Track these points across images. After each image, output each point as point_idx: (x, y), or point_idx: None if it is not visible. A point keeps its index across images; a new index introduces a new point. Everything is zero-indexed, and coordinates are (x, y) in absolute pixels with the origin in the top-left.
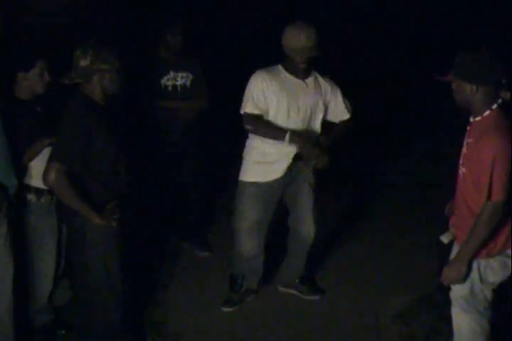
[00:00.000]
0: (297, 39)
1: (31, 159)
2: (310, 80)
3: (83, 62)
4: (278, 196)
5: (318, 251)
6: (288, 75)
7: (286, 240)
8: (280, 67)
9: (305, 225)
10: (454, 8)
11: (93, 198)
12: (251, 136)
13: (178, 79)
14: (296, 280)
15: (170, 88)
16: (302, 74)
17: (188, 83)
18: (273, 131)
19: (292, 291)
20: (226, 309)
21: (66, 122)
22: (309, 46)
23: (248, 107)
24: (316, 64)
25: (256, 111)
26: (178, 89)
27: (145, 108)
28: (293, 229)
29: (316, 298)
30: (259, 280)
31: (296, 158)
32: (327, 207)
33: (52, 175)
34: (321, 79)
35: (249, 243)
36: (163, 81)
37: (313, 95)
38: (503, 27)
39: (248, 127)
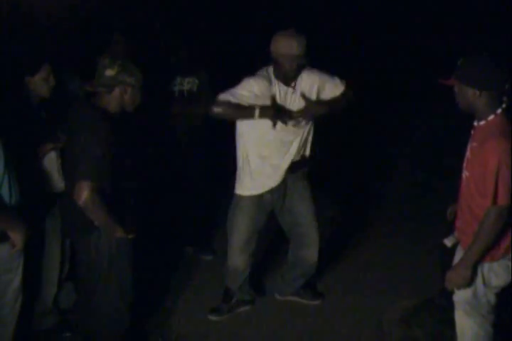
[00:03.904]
0: (288, 46)
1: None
2: (298, 83)
3: (109, 72)
4: (268, 210)
5: (321, 255)
6: (277, 82)
7: (277, 247)
8: (271, 72)
9: (310, 249)
10: (458, 13)
11: (111, 210)
12: (239, 141)
13: (184, 84)
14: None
15: (177, 93)
16: (290, 80)
17: (195, 88)
18: (241, 110)
19: (292, 298)
20: (213, 318)
21: (86, 138)
22: (299, 54)
23: (225, 95)
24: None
25: (232, 100)
26: (185, 94)
27: (155, 114)
28: (296, 256)
29: (317, 302)
30: (254, 290)
31: (290, 169)
32: (330, 212)
33: (85, 194)
34: (306, 76)
35: (241, 257)
36: (171, 86)
37: (300, 99)
38: (505, 32)
39: (215, 109)
